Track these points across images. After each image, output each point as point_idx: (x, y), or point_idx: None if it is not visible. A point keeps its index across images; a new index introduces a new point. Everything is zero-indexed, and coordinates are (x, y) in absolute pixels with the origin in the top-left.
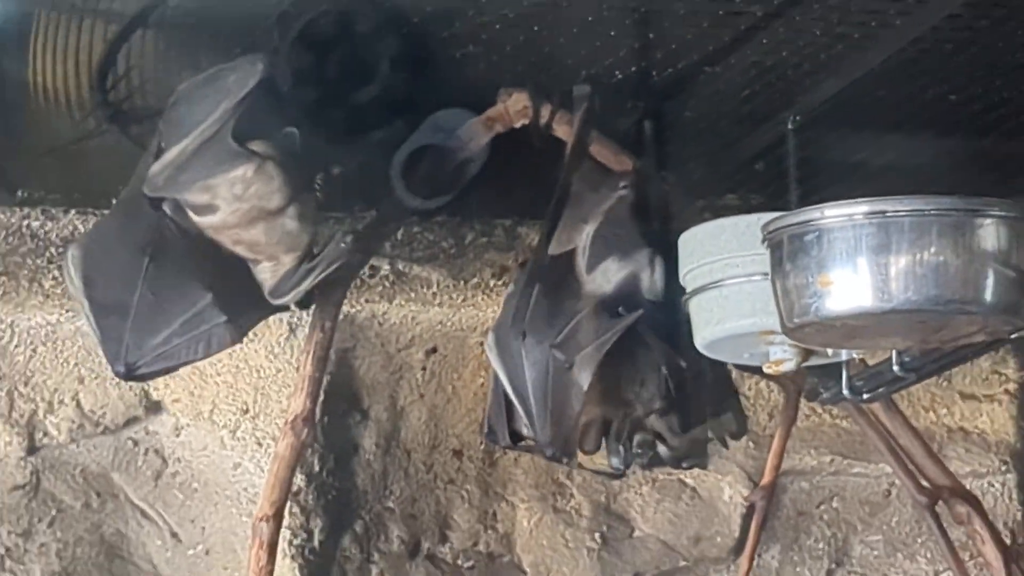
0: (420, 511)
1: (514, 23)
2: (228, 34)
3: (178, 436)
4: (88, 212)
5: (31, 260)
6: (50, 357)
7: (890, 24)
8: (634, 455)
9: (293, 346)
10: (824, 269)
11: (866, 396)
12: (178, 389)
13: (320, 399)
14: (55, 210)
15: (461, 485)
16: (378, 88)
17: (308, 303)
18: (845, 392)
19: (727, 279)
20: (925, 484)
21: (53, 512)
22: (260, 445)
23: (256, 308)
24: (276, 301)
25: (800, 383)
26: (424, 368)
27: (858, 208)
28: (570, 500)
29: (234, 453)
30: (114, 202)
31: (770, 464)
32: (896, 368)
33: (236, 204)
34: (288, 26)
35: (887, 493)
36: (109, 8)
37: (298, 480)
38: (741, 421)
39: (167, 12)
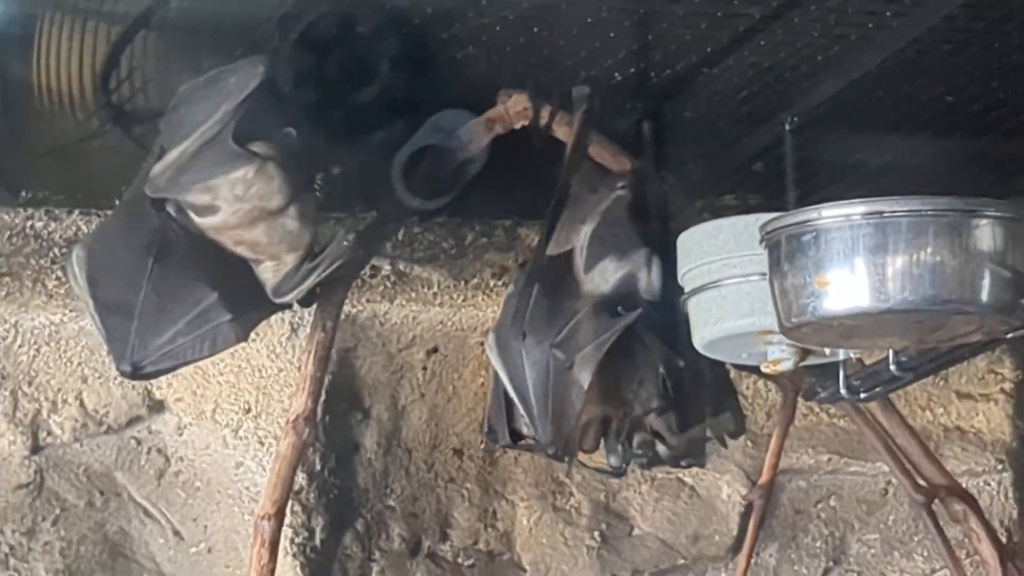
0: (421, 510)
1: (514, 24)
2: (230, 36)
3: (181, 435)
4: (91, 212)
5: (35, 260)
6: (54, 357)
7: (887, 25)
8: (633, 454)
9: (295, 346)
10: (821, 269)
11: (863, 395)
12: (181, 388)
13: (322, 398)
14: (58, 210)
15: (461, 484)
16: (379, 89)
17: (310, 302)
18: (842, 391)
19: (725, 279)
20: (922, 483)
21: (57, 511)
22: (262, 444)
23: (259, 307)
24: (279, 300)
25: (798, 382)
26: (425, 368)
27: (855, 209)
28: (569, 499)
29: (236, 452)
30: (117, 203)
31: (768, 463)
32: (893, 368)
33: (237, 205)
34: (289, 27)
35: (884, 492)
36: (112, 10)
37: (300, 479)
38: (739, 420)
39: (169, 14)
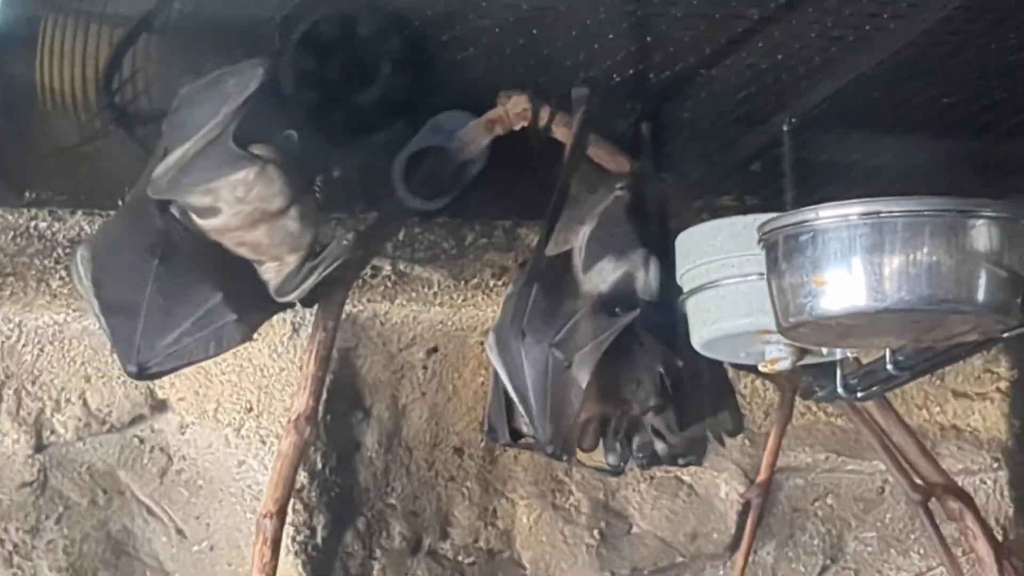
0: (421, 508)
1: (514, 26)
2: (231, 37)
3: (183, 434)
4: (94, 213)
5: (38, 260)
6: (57, 356)
7: (884, 27)
8: (631, 453)
9: (296, 345)
10: (819, 269)
11: (860, 394)
12: (183, 388)
13: (323, 398)
14: (62, 211)
15: (462, 482)
16: (379, 90)
17: (312, 302)
18: (840, 390)
19: (724, 279)
20: (918, 481)
21: (60, 509)
22: (264, 443)
23: (263, 307)
24: (281, 299)
25: (795, 381)
26: (425, 367)
27: (852, 209)
28: (569, 497)
29: (238, 451)
30: (120, 203)
31: (766, 461)
32: (890, 367)
33: (238, 207)
34: (291, 29)
35: (881, 490)
36: (115, 12)
37: (301, 477)
38: (737, 419)
39: (172, 16)
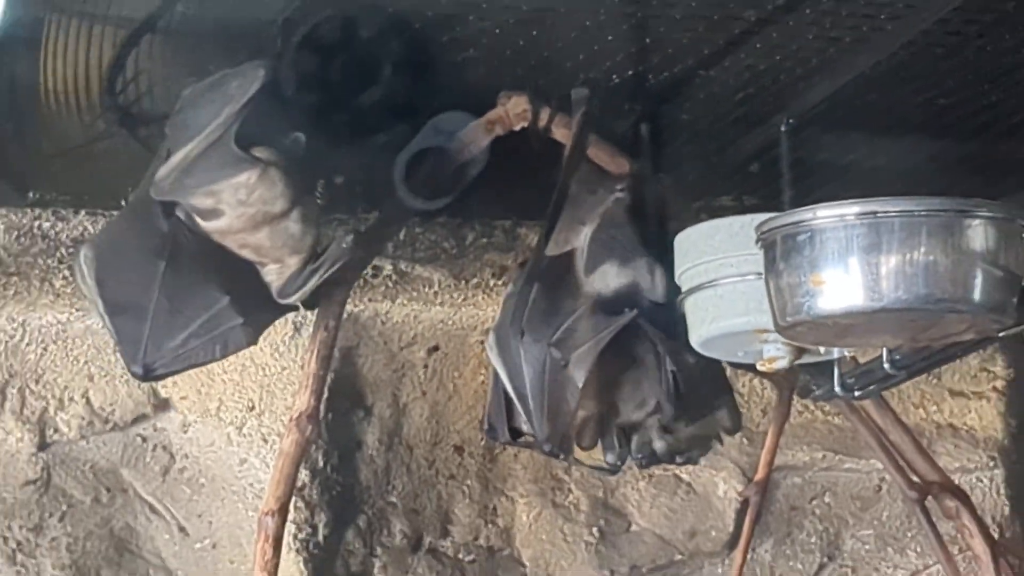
0: (422, 506)
1: (514, 28)
2: (234, 39)
3: (186, 433)
4: (98, 213)
5: (42, 260)
6: (61, 355)
7: (881, 28)
8: (629, 452)
9: (298, 344)
10: (816, 269)
11: (857, 393)
12: (186, 387)
13: (324, 396)
14: (65, 211)
15: (462, 480)
16: (381, 92)
17: (313, 304)
18: (837, 389)
19: (722, 278)
20: (915, 479)
21: (63, 507)
22: (266, 441)
23: (268, 309)
24: (283, 301)
25: (793, 380)
26: (426, 366)
27: (850, 209)
28: (568, 495)
29: (240, 449)
30: (123, 203)
31: (763, 460)
32: (887, 366)
33: (240, 209)
34: (292, 31)
35: (878, 488)
36: (118, 14)
37: (303, 476)
38: (735, 418)
39: (175, 18)
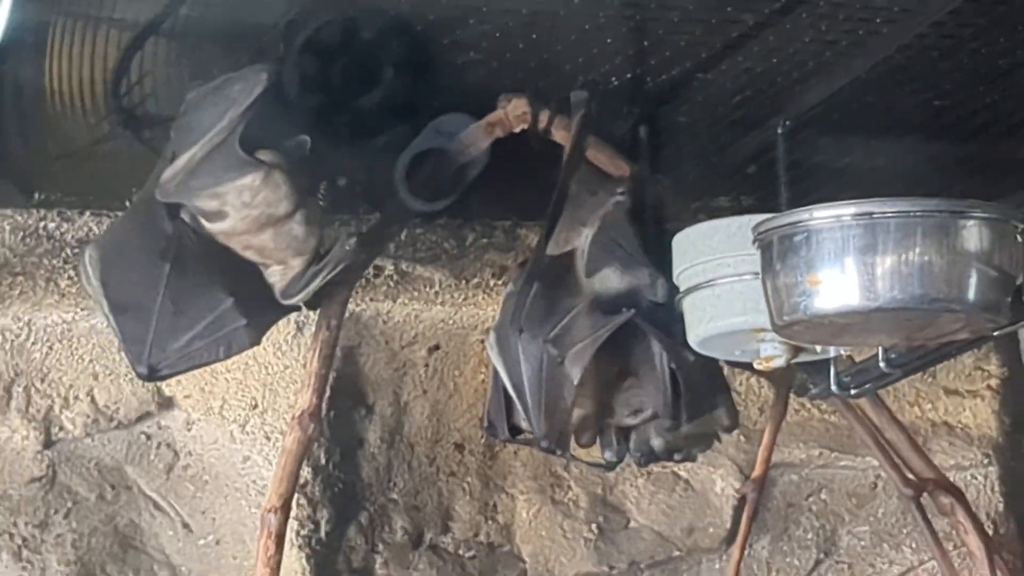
0: (423, 503)
1: (514, 31)
2: (237, 42)
3: (189, 431)
4: (103, 214)
5: (47, 260)
6: (66, 354)
7: (877, 31)
8: (628, 449)
9: (300, 344)
10: (813, 269)
11: (853, 392)
12: (189, 385)
13: (326, 395)
14: (70, 212)
15: (462, 478)
16: (382, 94)
17: (316, 304)
18: (833, 388)
19: (719, 278)
20: (910, 477)
21: (69, 504)
22: (268, 439)
23: (271, 310)
24: (286, 302)
25: (790, 379)
26: (427, 365)
27: (846, 210)
28: (568, 492)
29: (243, 447)
30: (128, 204)
31: (761, 457)
32: (882, 364)
33: (245, 211)
34: (295, 34)
35: (874, 485)
36: (123, 17)
37: (305, 473)
38: (733, 416)
39: (178, 21)
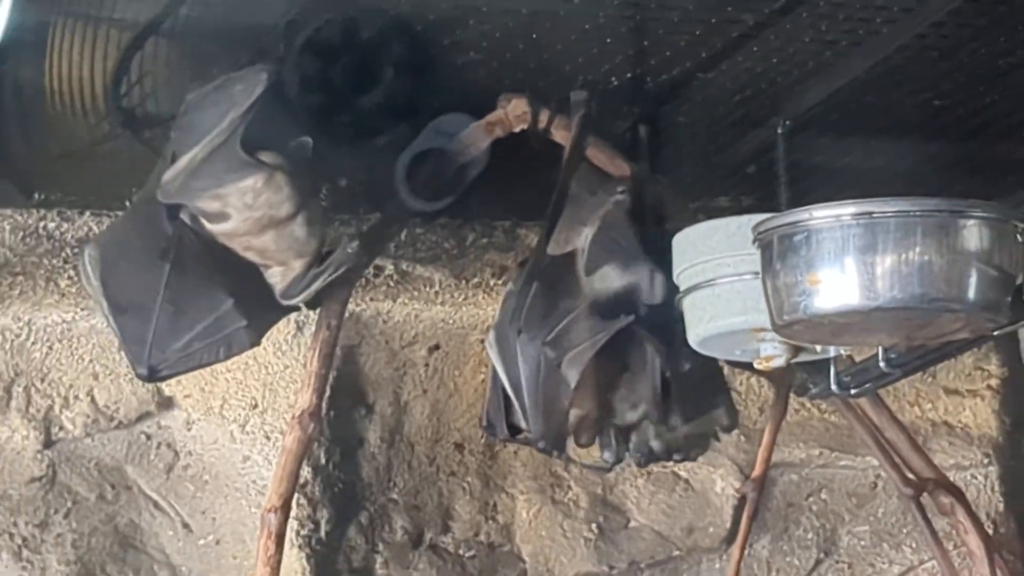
0: (423, 502)
1: (514, 31)
2: (237, 42)
3: (189, 430)
4: (103, 214)
5: (47, 260)
6: (66, 354)
7: (876, 32)
8: (627, 450)
9: (300, 343)
10: (813, 268)
11: (853, 391)
12: (189, 385)
13: (326, 394)
14: (70, 212)
15: (462, 477)
16: (382, 94)
17: (316, 304)
18: (833, 387)
19: (719, 278)
20: (910, 476)
21: (69, 504)
22: (268, 439)
23: (271, 310)
24: (287, 302)
25: (790, 379)
26: (427, 364)
27: (845, 209)
28: (568, 492)
29: (243, 447)
30: (128, 204)
31: (761, 457)
32: (882, 364)
33: (247, 213)
34: (295, 34)
35: (874, 485)
36: (123, 17)
37: (305, 473)
38: (732, 416)
39: (179, 21)
